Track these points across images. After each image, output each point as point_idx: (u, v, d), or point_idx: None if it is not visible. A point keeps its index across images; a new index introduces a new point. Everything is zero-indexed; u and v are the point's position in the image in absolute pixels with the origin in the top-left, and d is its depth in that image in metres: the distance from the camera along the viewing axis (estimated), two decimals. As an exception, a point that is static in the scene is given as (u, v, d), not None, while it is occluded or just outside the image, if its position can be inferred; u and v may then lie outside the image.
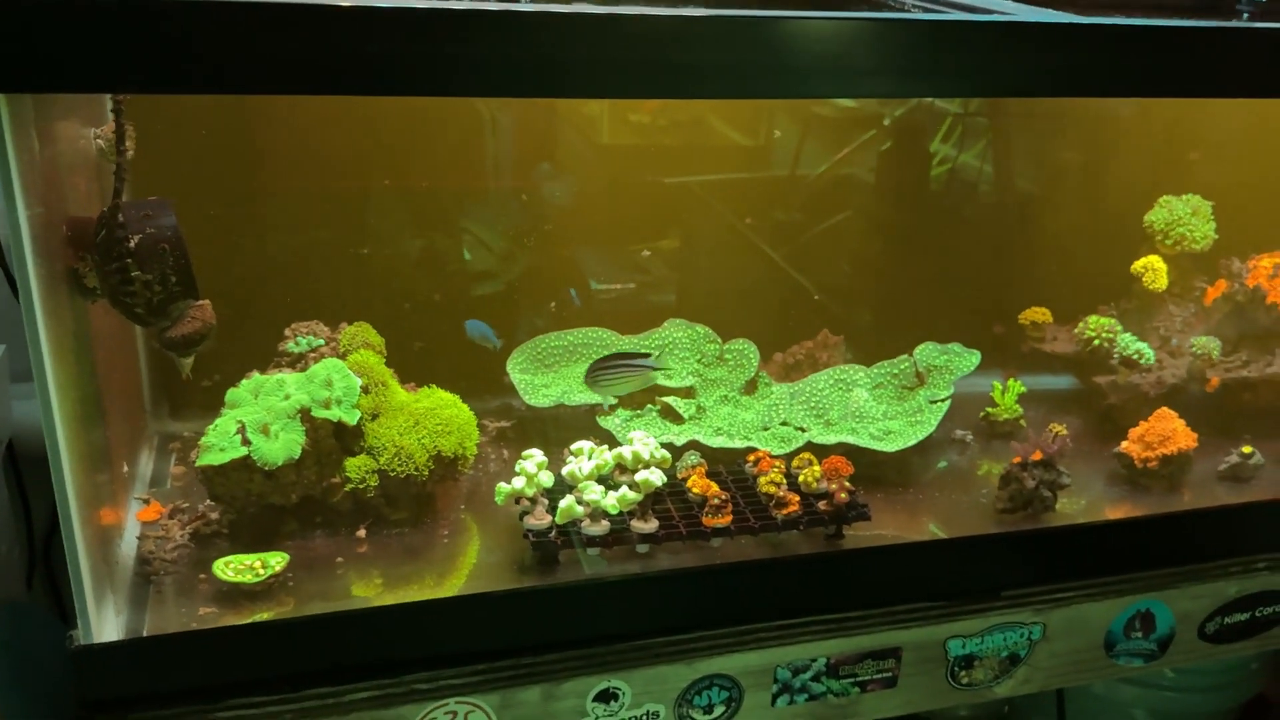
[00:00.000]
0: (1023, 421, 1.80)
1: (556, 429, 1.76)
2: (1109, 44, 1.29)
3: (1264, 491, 1.70)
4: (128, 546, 1.43)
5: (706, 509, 1.48)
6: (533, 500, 1.44)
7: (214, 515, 1.46)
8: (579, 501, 1.43)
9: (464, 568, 1.47)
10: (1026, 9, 1.39)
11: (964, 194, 2.19)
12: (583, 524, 1.44)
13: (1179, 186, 1.94)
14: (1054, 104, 2.08)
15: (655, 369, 1.67)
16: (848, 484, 1.51)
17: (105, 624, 1.24)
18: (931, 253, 2.13)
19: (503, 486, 1.43)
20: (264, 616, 1.32)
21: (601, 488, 1.44)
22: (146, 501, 1.50)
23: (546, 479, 1.46)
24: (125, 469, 1.50)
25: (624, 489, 1.44)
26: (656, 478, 1.44)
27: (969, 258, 2.10)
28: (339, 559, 1.45)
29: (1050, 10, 1.38)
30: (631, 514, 1.46)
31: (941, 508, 1.66)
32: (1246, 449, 1.71)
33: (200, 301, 1.29)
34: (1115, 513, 1.66)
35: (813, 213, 2.12)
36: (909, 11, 1.43)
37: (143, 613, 1.32)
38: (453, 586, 1.42)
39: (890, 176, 2.13)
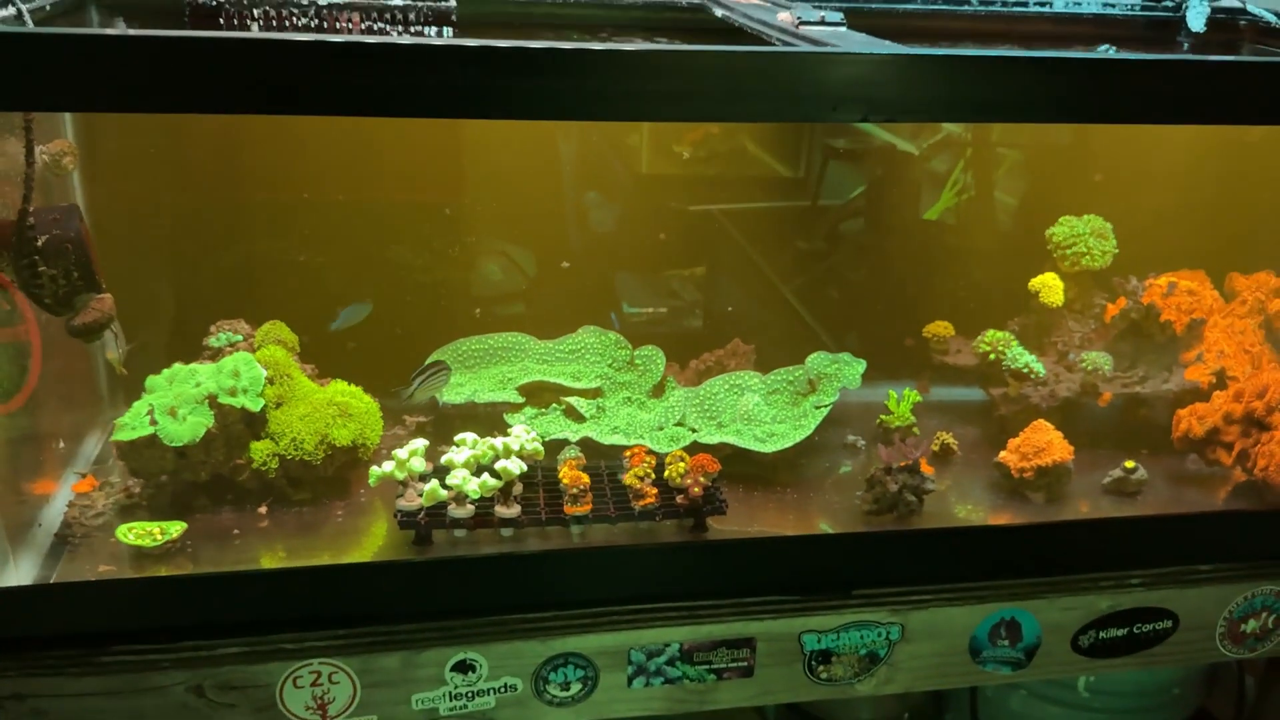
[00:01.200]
0: (915, 429, 1.85)
1: (473, 424, 1.89)
2: (932, 72, 1.36)
3: (1139, 507, 1.72)
4: (58, 514, 1.62)
5: (566, 497, 1.59)
6: (404, 484, 1.58)
7: (136, 489, 1.65)
8: (443, 485, 1.56)
9: (344, 543, 1.61)
10: (866, 41, 1.47)
11: (908, 215, 2.27)
12: (450, 507, 1.57)
13: (1098, 208, 1.97)
14: (981, 132, 2.15)
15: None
16: (703, 479, 1.60)
17: (6, 574, 1.43)
18: (871, 268, 2.21)
19: (375, 470, 1.57)
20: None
21: (466, 473, 1.57)
22: (83, 476, 1.69)
23: (419, 465, 1.59)
24: (60, 446, 1.70)
25: (485, 475, 1.56)
26: (515, 466, 1.57)
27: (902, 275, 2.17)
28: (236, 531, 1.61)
29: (889, 42, 1.46)
30: (497, 500, 1.59)
31: (815, 507, 1.73)
32: (1129, 464, 1.73)
33: (101, 295, 1.47)
34: (982, 520, 1.70)
35: (783, 231, 2.23)
36: (774, 46, 1.53)
37: (52, 568, 1.51)
38: (326, 558, 1.56)
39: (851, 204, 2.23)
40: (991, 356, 1.84)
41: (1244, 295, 1.87)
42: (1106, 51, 1.84)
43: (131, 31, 1.28)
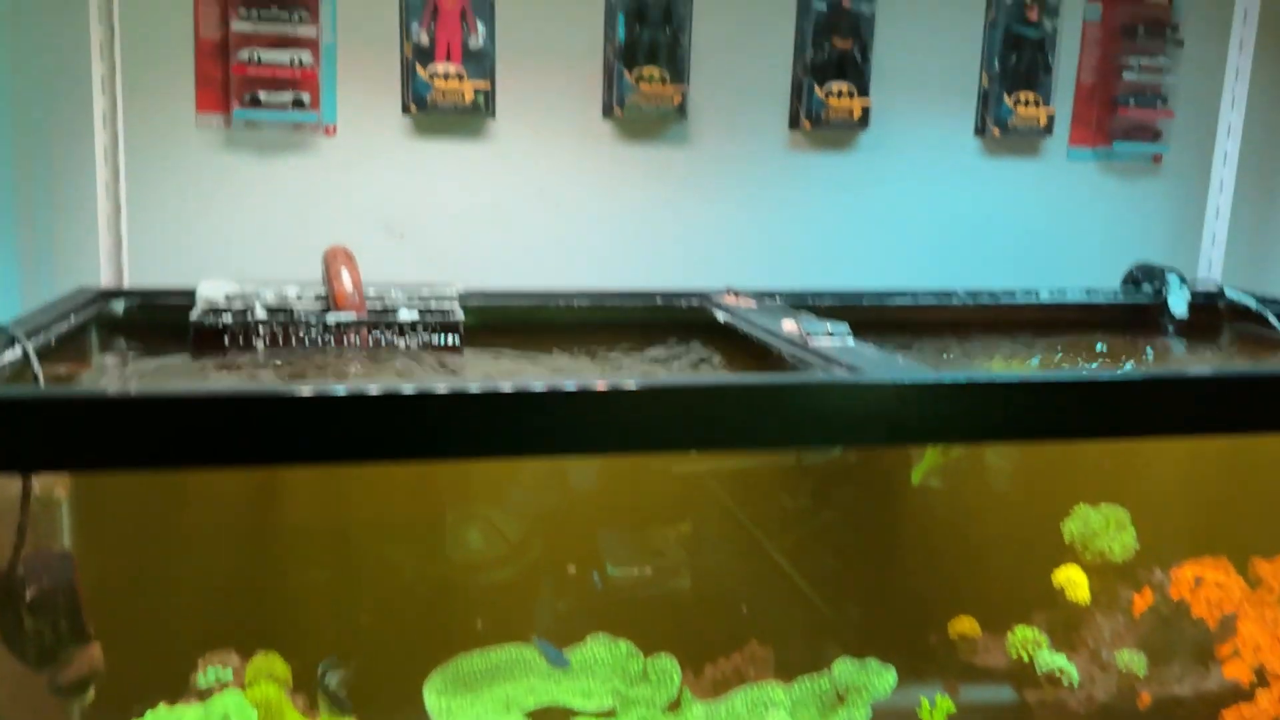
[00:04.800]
0: (952, 742, 1.75)
1: (477, 753, 1.75)
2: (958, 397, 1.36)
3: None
4: None
5: None
6: (411, 842, 1.44)
7: None
8: (455, 843, 1.42)
9: None
10: (897, 367, 1.46)
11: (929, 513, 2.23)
12: None
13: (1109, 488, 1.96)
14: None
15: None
16: (739, 821, 1.47)
17: None
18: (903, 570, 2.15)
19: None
20: None
21: (480, 828, 1.43)
22: (49, 841, 1.52)
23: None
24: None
25: (501, 829, 1.43)
26: (534, 817, 1.43)
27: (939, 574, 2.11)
28: None
29: (910, 363, 1.47)
30: None
31: (855, 841, 1.59)
32: (1183, 775, 1.63)
33: (88, 647, 1.36)
34: None
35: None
36: (798, 371, 1.53)
37: None
38: None
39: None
40: (1025, 658, 1.76)
41: (1269, 583, 1.84)
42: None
43: (130, 391, 1.23)
